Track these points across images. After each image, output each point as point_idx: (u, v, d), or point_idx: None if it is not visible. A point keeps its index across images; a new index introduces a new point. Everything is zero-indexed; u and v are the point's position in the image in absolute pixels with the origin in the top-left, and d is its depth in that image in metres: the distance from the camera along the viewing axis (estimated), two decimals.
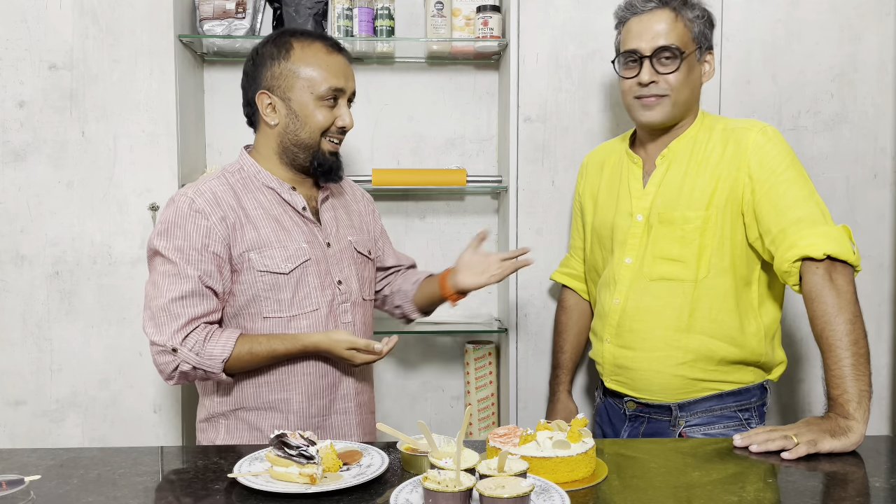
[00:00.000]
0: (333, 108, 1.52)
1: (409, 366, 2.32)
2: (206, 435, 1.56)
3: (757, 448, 1.26)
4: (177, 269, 1.43)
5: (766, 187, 1.46)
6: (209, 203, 1.46)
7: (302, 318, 1.50)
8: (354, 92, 1.57)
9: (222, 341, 1.43)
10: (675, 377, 1.53)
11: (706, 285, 1.51)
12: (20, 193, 1.97)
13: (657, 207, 1.55)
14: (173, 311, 1.42)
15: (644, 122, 1.56)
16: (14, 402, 2.00)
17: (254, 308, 1.49)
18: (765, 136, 1.49)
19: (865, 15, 2.02)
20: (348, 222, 1.64)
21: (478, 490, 0.97)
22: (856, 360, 1.30)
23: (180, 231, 1.44)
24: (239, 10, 2.07)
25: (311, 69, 1.50)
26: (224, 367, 1.43)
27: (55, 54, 1.96)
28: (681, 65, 1.51)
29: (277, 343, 1.46)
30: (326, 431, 1.53)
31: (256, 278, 1.47)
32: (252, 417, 1.51)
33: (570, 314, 1.86)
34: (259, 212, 1.51)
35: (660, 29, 1.51)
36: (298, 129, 1.51)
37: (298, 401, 1.50)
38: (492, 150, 2.29)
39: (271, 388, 1.50)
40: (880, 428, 2.06)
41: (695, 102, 1.59)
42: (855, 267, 1.39)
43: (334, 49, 1.54)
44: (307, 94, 1.50)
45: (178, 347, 1.41)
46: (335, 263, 1.56)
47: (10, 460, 1.26)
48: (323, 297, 1.52)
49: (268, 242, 1.49)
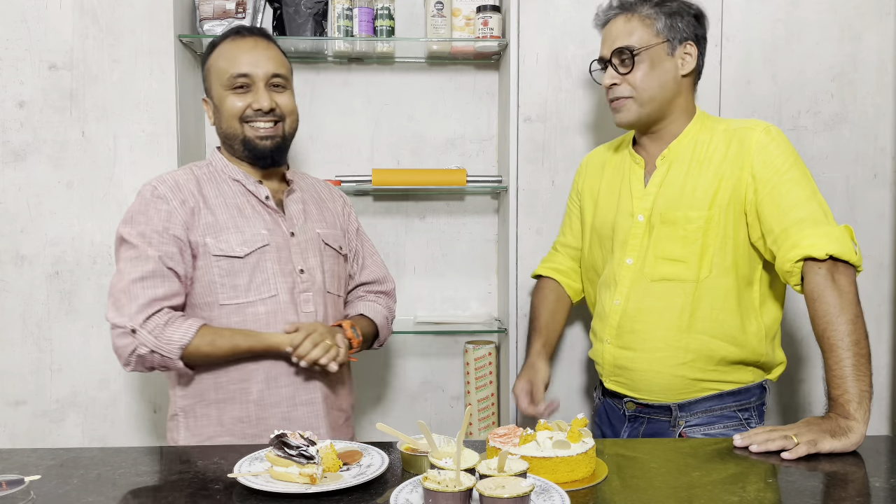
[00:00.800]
0: (247, 93, 1.54)
1: (409, 366, 2.32)
2: (171, 434, 1.56)
3: (757, 448, 1.26)
4: (138, 252, 1.45)
5: (768, 187, 1.46)
6: (171, 189, 1.50)
7: (259, 304, 1.49)
8: (279, 75, 1.55)
9: (183, 328, 1.43)
10: (675, 377, 1.53)
11: (708, 285, 1.51)
12: (20, 193, 1.97)
13: (659, 208, 1.55)
14: (133, 291, 1.42)
15: (617, 124, 1.60)
16: (14, 402, 2.00)
17: (210, 296, 1.49)
18: (768, 135, 1.49)
19: (865, 15, 2.02)
20: (318, 216, 1.64)
21: (478, 490, 0.97)
22: (857, 361, 1.30)
23: (143, 217, 1.48)
24: (239, 10, 2.07)
25: (220, 61, 1.55)
26: (182, 355, 1.42)
27: (55, 54, 1.96)
28: (635, 63, 1.52)
29: (240, 338, 1.45)
30: (293, 424, 1.51)
31: (212, 263, 1.48)
32: (212, 412, 1.50)
33: (544, 293, 1.82)
34: (219, 200, 1.53)
35: (616, 33, 1.55)
36: (221, 120, 1.57)
37: (258, 390, 1.49)
38: (492, 150, 2.29)
39: (230, 378, 1.49)
40: (880, 428, 2.06)
41: (675, 97, 1.56)
42: (857, 267, 1.39)
43: (239, 36, 1.56)
44: (218, 85, 1.56)
45: (138, 329, 1.41)
46: (298, 252, 1.55)
47: (10, 460, 1.26)
48: (283, 283, 1.51)
49: (224, 227, 1.50)
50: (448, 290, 2.31)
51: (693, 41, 1.56)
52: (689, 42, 1.55)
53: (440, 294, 2.31)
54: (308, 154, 2.26)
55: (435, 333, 2.22)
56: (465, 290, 2.31)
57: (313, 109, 2.25)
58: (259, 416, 1.49)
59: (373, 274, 1.77)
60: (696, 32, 1.56)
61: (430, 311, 2.31)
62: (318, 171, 2.25)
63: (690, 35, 1.55)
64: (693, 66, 1.56)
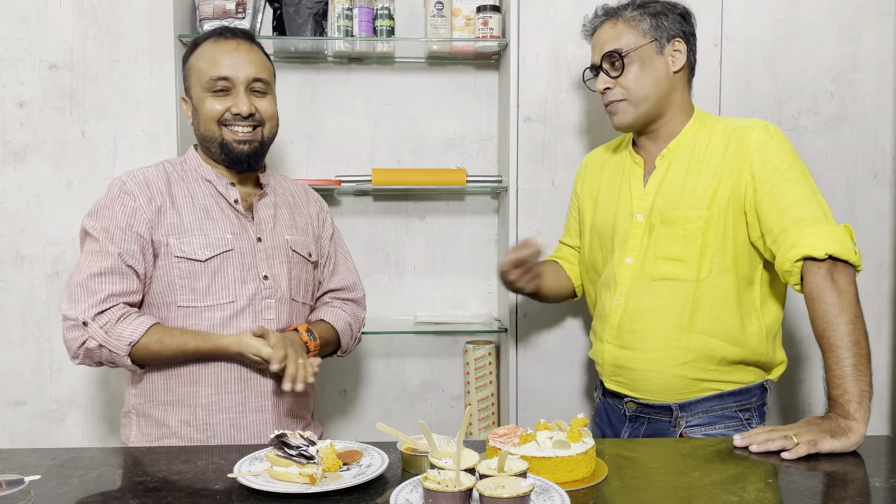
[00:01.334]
0: (227, 96, 1.52)
1: (409, 366, 2.32)
2: (124, 430, 1.55)
3: (757, 448, 1.26)
4: (99, 246, 1.45)
5: (768, 186, 1.46)
6: (139, 185, 1.50)
7: (216, 308, 1.49)
8: (260, 79, 1.53)
9: (134, 325, 1.42)
10: (675, 377, 1.53)
11: (708, 285, 1.51)
12: (20, 193, 1.97)
13: (658, 207, 1.55)
14: (90, 286, 1.42)
15: (615, 127, 1.61)
16: (14, 402, 2.00)
17: (168, 296, 1.48)
18: (767, 134, 1.49)
19: (865, 15, 2.02)
20: (289, 222, 1.63)
21: (478, 490, 0.97)
22: (857, 361, 1.30)
23: (108, 211, 1.47)
24: (239, 10, 2.07)
25: (201, 61, 1.54)
26: (130, 352, 1.42)
27: (55, 54, 1.96)
28: (626, 66, 1.54)
29: (190, 338, 1.45)
30: (241, 431, 1.50)
31: (173, 264, 1.47)
32: (159, 413, 1.49)
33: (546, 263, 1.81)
34: (187, 200, 1.52)
35: (604, 39, 1.58)
36: (199, 122, 1.56)
37: (207, 394, 1.48)
38: (492, 150, 2.29)
39: (181, 380, 1.48)
40: (880, 428, 2.06)
41: (670, 93, 1.57)
42: (856, 267, 1.39)
43: (222, 37, 1.54)
44: (198, 86, 1.54)
45: (89, 322, 1.40)
46: (264, 259, 1.54)
47: (10, 460, 1.26)
48: (243, 290, 1.50)
49: (189, 229, 1.49)
50: (448, 290, 2.31)
51: (681, 38, 1.57)
52: (678, 39, 1.56)
53: (440, 294, 2.31)
54: (308, 154, 2.26)
55: (435, 333, 2.22)
56: (465, 290, 2.31)
57: (313, 109, 2.25)
58: (207, 422, 1.48)
59: (342, 281, 1.74)
60: (684, 30, 1.58)
61: (430, 311, 2.31)
62: (318, 171, 2.25)
63: (678, 32, 1.57)
64: (684, 62, 1.57)
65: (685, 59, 1.57)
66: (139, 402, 1.51)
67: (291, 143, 2.25)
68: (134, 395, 1.52)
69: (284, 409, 1.55)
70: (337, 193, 2.26)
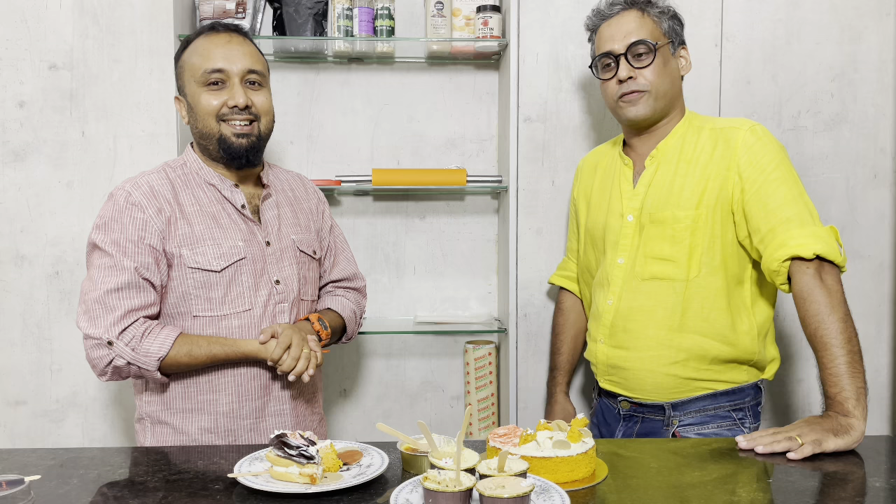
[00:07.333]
0: (223, 90, 1.50)
1: (410, 366, 2.32)
2: (139, 437, 1.54)
3: (763, 449, 1.26)
4: (113, 261, 1.42)
5: (755, 186, 1.47)
6: (146, 196, 1.47)
7: (233, 317, 1.49)
8: (254, 71, 1.52)
9: (160, 339, 1.41)
10: (667, 376, 1.54)
11: (697, 284, 1.51)
12: (20, 193, 1.97)
13: (647, 208, 1.56)
14: (108, 303, 1.40)
15: (630, 118, 1.57)
16: (14, 402, 2.00)
17: (183, 307, 1.47)
18: (754, 134, 1.50)
19: (865, 15, 2.02)
20: (293, 220, 1.63)
21: (478, 490, 0.97)
22: (851, 358, 1.31)
23: (117, 224, 1.45)
24: (239, 10, 2.07)
25: (194, 57, 1.52)
26: (160, 366, 1.41)
27: (55, 54, 1.96)
28: (655, 58, 1.54)
29: (217, 348, 1.44)
30: (260, 434, 1.51)
31: (187, 275, 1.46)
32: (177, 421, 1.49)
33: (566, 316, 1.87)
34: (195, 208, 1.50)
35: (630, 27, 1.55)
36: (196, 119, 1.53)
37: (227, 402, 1.48)
38: (492, 150, 2.29)
39: (200, 389, 1.48)
40: (880, 428, 2.06)
41: (677, 97, 1.60)
42: (841, 268, 1.40)
43: (213, 31, 1.52)
44: (192, 82, 1.52)
45: (114, 341, 1.39)
46: (274, 262, 1.54)
47: (10, 460, 1.26)
48: (257, 297, 1.50)
49: (201, 239, 1.48)
50: (448, 290, 2.31)
51: (685, 46, 1.62)
52: (683, 46, 1.62)
53: (440, 294, 2.31)
54: (308, 154, 2.26)
55: (435, 333, 2.22)
56: (465, 290, 2.31)
57: (313, 109, 2.25)
58: (228, 428, 1.49)
59: (344, 272, 1.76)
60: (683, 37, 1.63)
61: (430, 311, 2.31)
62: (318, 171, 2.25)
63: (682, 39, 1.62)
64: (689, 69, 1.62)
65: (689, 67, 1.62)
66: (154, 410, 1.51)
67: (291, 143, 2.25)
68: (147, 403, 1.52)
69: (302, 409, 1.57)
70: (337, 193, 2.26)
